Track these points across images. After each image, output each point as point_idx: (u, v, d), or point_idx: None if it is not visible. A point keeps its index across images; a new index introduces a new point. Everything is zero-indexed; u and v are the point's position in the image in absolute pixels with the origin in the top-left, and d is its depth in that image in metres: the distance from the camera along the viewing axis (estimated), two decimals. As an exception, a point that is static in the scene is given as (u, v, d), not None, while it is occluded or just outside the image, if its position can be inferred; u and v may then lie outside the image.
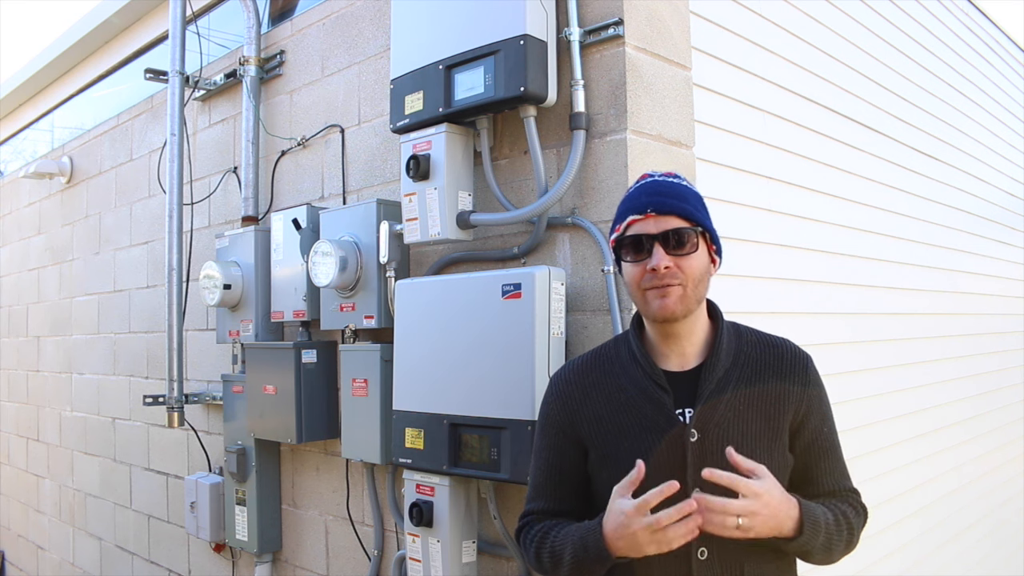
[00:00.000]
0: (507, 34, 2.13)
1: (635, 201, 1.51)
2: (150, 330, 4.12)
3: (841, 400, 2.23)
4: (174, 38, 3.42)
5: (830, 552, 1.49)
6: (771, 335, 1.63)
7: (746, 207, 2.69)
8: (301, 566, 3.14)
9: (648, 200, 1.48)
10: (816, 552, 1.46)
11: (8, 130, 6.20)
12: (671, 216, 1.47)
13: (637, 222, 1.49)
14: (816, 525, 1.42)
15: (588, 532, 1.44)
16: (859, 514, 1.57)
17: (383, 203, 2.59)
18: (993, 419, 4.91)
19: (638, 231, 1.48)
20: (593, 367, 1.62)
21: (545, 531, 1.56)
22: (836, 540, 1.48)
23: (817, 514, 1.44)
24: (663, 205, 1.47)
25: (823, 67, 3.22)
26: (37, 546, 5.56)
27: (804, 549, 1.44)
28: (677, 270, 1.46)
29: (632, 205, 1.50)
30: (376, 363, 2.53)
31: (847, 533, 1.51)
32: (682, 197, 1.50)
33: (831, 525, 1.47)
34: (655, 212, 1.47)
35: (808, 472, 1.57)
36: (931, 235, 4.16)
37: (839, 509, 1.52)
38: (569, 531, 1.51)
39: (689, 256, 1.47)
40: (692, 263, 1.47)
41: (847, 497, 1.58)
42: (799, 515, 1.40)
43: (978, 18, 5.03)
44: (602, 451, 1.54)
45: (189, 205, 3.69)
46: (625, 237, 1.50)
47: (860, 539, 1.58)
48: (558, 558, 1.50)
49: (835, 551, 1.50)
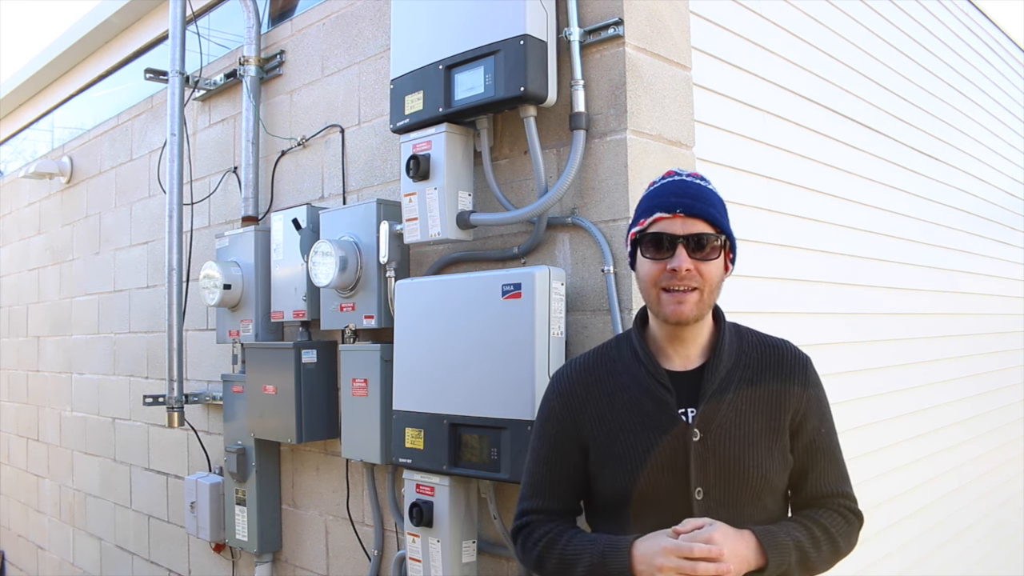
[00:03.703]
0: (507, 34, 2.13)
1: (664, 199, 1.50)
2: (150, 330, 4.12)
3: (841, 400, 2.23)
4: (174, 38, 3.42)
5: (810, 568, 1.50)
6: (771, 336, 1.63)
7: (746, 207, 2.69)
8: (301, 566, 3.14)
9: (678, 201, 1.48)
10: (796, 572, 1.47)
11: (8, 130, 6.20)
12: (699, 220, 1.47)
13: (663, 220, 1.48)
14: (781, 546, 1.44)
15: (611, 548, 1.44)
16: (849, 523, 1.57)
17: (383, 203, 2.59)
18: (993, 419, 4.91)
19: (662, 229, 1.48)
20: (595, 366, 1.63)
21: (553, 536, 1.55)
22: (814, 556, 1.49)
23: (780, 537, 1.45)
24: (692, 208, 1.47)
25: (823, 67, 3.22)
26: (37, 546, 5.56)
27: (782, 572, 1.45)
28: (696, 273, 1.46)
29: (661, 202, 1.50)
30: (376, 363, 2.53)
31: (828, 545, 1.51)
32: (710, 202, 1.50)
33: (804, 543, 1.47)
34: (684, 213, 1.47)
35: (805, 473, 1.57)
36: (931, 235, 4.16)
37: (816, 523, 1.52)
38: (583, 540, 1.51)
39: (710, 262, 1.48)
40: (711, 269, 1.48)
41: (838, 504, 1.57)
42: (756, 542, 1.42)
43: (978, 18, 5.03)
44: (604, 450, 1.54)
45: (189, 205, 3.69)
46: (648, 233, 1.50)
47: (856, 543, 1.58)
48: (568, 566, 1.49)
49: (818, 565, 1.51)
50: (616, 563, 1.41)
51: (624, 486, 1.51)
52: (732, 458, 1.47)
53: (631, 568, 1.39)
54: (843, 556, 1.55)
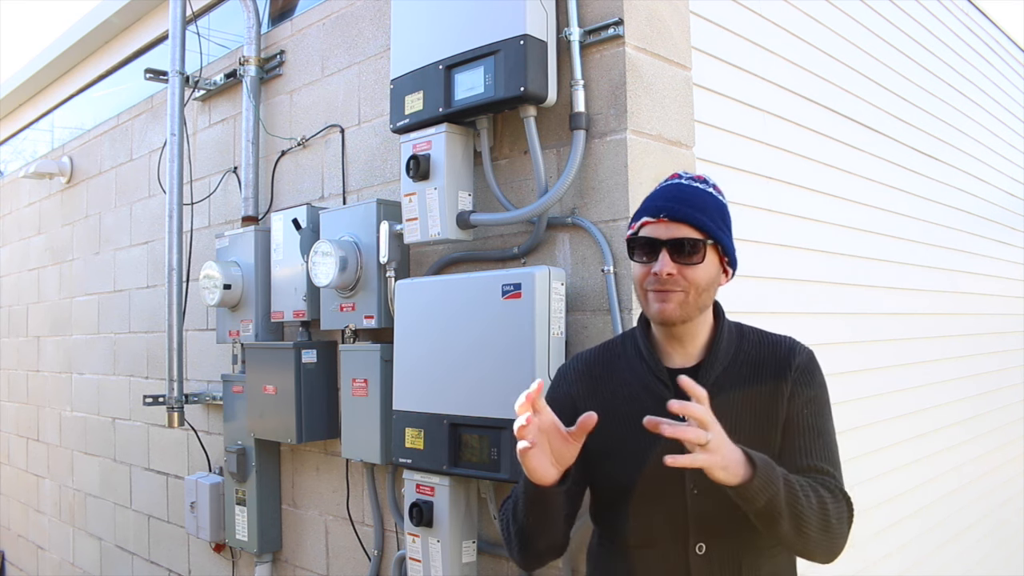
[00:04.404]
0: (507, 34, 2.13)
1: (653, 203, 1.52)
2: (150, 330, 4.12)
3: (841, 400, 2.23)
4: (174, 38, 3.42)
5: (799, 515, 1.36)
6: (773, 334, 1.63)
7: (746, 207, 2.69)
8: (301, 566, 3.14)
9: (664, 205, 1.49)
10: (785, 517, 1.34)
11: (8, 130, 6.20)
12: (683, 224, 1.47)
13: (649, 225, 1.50)
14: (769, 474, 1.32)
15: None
16: (836, 497, 1.45)
17: (383, 203, 2.59)
18: (993, 419, 4.91)
19: (648, 234, 1.50)
20: (599, 360, 1.65)
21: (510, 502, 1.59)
22: (803, 502, 1.36)
23: (771, 465, 1.34)
24: (676, 212, 1.48)
25: (823, 67, 3.22)
26: (37, 546, 5.56)
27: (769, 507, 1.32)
28: (680, 277, 1.46)
29: (649, 207, 1.52)
30: (376, 363, 2.53)
31: (818, 505, 1.39)
32: (699, 207, 1.49)
33: (794, 487, 1.36)
34: (668, 218, 1.48)
35: (786, 448, 1.50)
36: (931, 235, 4.16)
37: (805, 481, 1.41)
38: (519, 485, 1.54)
39: (695, 266, 1.47)
40: (697, 273, 1.48)
41: (821, 480, 1.47)
42: (744, 456, 1.30)
43: (978, 18, 5.03)
44: (602, 444, 1.55)
45: (189, 205, 3.69)
46: (638, 237, 1.52)
47: (849, 527, 1.48)
48: (516, 508, 1.53)
49: (806, 515, 1.37)
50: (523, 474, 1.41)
51: (621, 481, 1.53)
52: None
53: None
54: (833, 529, 1.42)
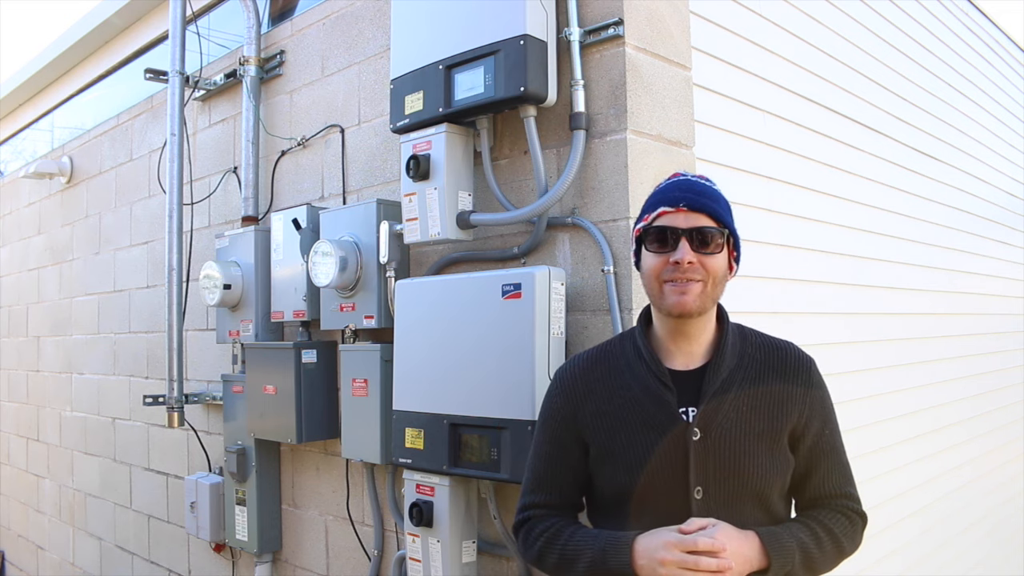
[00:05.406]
0: (507, 34, 2.13)
1: (669, 194, 1.52)
2: (150, 330, 4.12)
3: (841, 400, 2.23)
4: (174, 38, 3.42)
5: (814, 569, 1.51)
6: (775, 338, 1.63)
7: (746, 207, 2.68)
8: (301, 566, 3.14)
9: (682, 195, 1.50)
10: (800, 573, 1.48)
11: (8, 130, 6.20)
12: (702, 214, 1.49)
13: (667, 214, 1.50)
14: (784, 548, 1.45)
15: (612, 543, 1.44)
16: (853, 523, 1.58)
17: (383, 203, 2.59)
18: (993, 419, 4.91)
19: (666, 223, 1.49)
20: (598, 363, 1.63)
21: (555, 532, 1.56)
22: (818, 556, 1.50)
23: (783, 538, 1.46)
24: (696, 202, 1.49)
25: (823, 67, 3.22)
26: (37, 546, 5.56)
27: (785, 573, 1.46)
28: (699, 266, 1.47)
29: (665, 197, 1.52)
30: (376, 363, 2.53)
31: (832, 546, 1.52)
32: (714, 199, 1.52)
33: (807, 544, 1.49)
34: (687, 208, 1.48)
35: (808, 475, 1.58)
36: (931, 235, 4.16)
37: (820, 524, 1.53)
38: (585, 536, 1.51)
39: (713, 256, 1.49)
40: (715, 262, 1.49)
41: (842, 505, 1.59)
42: (759, 544, 1.43)
43: (978, 18, 5.03)
44: (603, 447, 1.55)
45: (189, 205, 3.68)
46: (652, 227, 1.51)
47: (860, 543, 1.60)
48: (569, 562, 1.50)
49: (821, 566, 1.52)
50: (617, 558, 1.41)
51: (624, 484, 1.52)
52: (732, 458, 1.47)
53: (632, 563, 1.40)
54: (847, 556, 1.56)
